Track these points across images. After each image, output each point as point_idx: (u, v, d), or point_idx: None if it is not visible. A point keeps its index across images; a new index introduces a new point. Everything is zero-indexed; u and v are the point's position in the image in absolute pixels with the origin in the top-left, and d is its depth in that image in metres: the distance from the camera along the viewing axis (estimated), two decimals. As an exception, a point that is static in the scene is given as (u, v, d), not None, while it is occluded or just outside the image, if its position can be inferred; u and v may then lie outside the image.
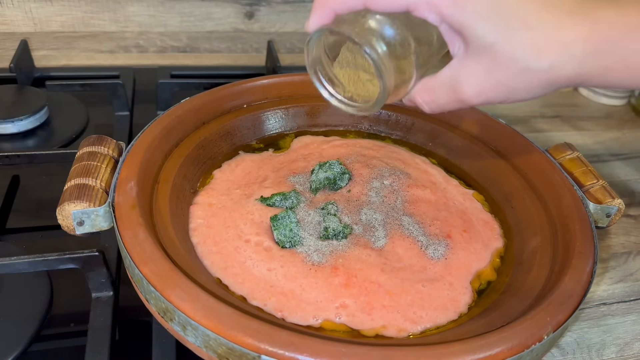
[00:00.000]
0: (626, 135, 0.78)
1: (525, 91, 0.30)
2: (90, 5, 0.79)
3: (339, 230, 0.43)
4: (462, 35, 0.30)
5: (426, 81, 0.33)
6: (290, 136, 0.58)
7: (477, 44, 0.29)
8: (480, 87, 0.31)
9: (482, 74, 0.30)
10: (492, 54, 0.29)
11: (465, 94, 0.31)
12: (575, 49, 0.28)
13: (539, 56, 0.29)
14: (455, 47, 0.31)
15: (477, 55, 0.30)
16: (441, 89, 0.32)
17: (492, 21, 0.28)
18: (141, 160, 0.42)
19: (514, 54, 0.29)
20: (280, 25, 0.88)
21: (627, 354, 0.45)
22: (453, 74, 0.32)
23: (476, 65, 0.30)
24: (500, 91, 0.31)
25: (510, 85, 0.30)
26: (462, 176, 0.55)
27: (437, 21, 0.30)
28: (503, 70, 0.29)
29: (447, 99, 0.32)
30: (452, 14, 0.29)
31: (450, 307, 0.40)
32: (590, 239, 0.41)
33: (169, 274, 0.33)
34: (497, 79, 0.30)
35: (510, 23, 0.28)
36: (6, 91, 0.66)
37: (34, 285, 0.44)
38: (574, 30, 0.28)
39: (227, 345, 0.30)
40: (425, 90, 0.33)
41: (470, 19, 0.29)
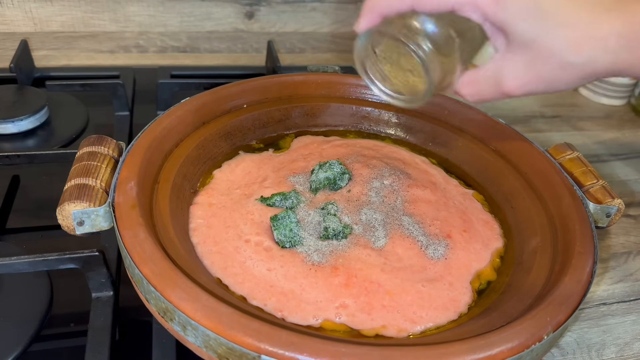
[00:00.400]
0: (626, 135, 0.78)
1: (565, 82, 0.33)
2: (90, 5, 0.79)
3: (339, 230, 0.43)
4: (504, 32, 0.32)
5: (470, 74, 0.35)
6: (290, 136, 0.58)
7: (518, 40, 0.32)
8: (522, 80, 0.33)
9: (524, 67, 0.32)
10: (532, 49, 0.31)
11: (508, 87, 0.34)
12: (610, 43, 0.30)
13: (576, 51, 0.31)
14: (497, 42, 0.34)
15: (518, 50, 0.32)
16: (485, 82, 0.35)
17: (532, 19, 0.31)
18: (141, 160, 0.42)
19: (553, 49, 0.31)
20: (280, 25, 0.88)
21: (627, 354, 0.45)
22: (496, 68, 0.34)
23: (518, 59, 0.33)
24: (541, 83, 0.33)
25: (550, 78, 0.32)
26: (462, 176, 0.55)
27: (481, 19, 0.33)
28: (543, 64, 0.32)
29: (490, 91, 0.35)
30: (495, 13, 0.31)
31: (450, 307, 0.40)
32: (590, 239, 0.41)
33: (169, 274, 0.33)
34: (538, 72, 0.32)
35: (549, 20, 0.30)
36: (6, 91, 0.66)
37: (34, 285, 0.44)
38: (610, 25, 0.30)
39: (227, 345, 0.30)
40: (469, 84, 0.35)
41: (511, 17, 0.31)
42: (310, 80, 0.59)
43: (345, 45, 0.91)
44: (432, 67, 0.33)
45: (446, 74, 0.35)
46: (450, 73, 0.35)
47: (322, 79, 0.60)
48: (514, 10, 0.31)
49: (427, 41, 0.33)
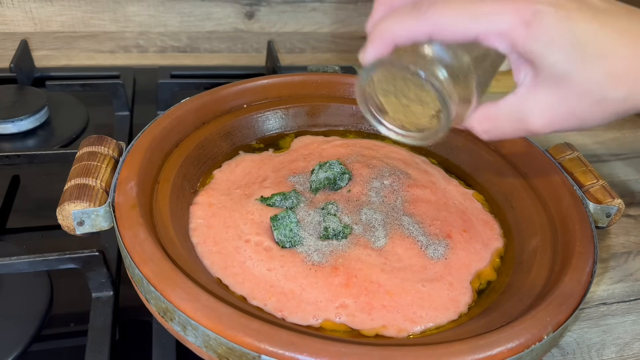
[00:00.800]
0: (626, 135, 0.78)
1: (599, 119, 0.30)
2: (90, 5, 0.79)
3: (339, 230, 0.43)
4: (533, 64, 0.29)
5: (487, 109, 0.32)
6: (290, 136, 0.58)
7: (548, 73, 0.29)
8: (550, 117, 0.30)
9: (553, 103, 0.29)
10: (565, 83, 0.28)
11: (534, 124, 0.30)
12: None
13: (615, 86, 0.28)
14: (521, 75, 0.31)
15: (547, 84, 0.29)
16: (505, 118, 0.31)
17: (567, 50, 0.28)
18: (141, 160, 0.42)
19: (590, 84, 0.28)
20: (280, 25, 0.88)
21: (627, 354, 0.45)
22: (520, 103, 0.31)
23: (546, 94, 0.29)
24: (572, 120, 0.30)
25: (583, 115, 0.29)
26: (462, 176, 0.55)
27: (508, 50, 0.29)
28: (576, 100, 0.29)
29: (511, 127, 0.31)
30: (525, 44, 0.28)
31: (450, 307, 0.40)
32: (590, 239, 0.41)
33: (169, 274, 0.33)
34: (569, 109, 0.29)
35: (585, 53, 0.27)
36: (6, 91, 0.66)
37: (34, 285, 0.44)
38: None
39: (227, 345, 0.30)
40: (486, 119, 0.32)
41: (543, 47, 0.28)
42: (310, 80, 0.59)
43: (345, 45, 0.91)
44: (451, 100, 0.30)
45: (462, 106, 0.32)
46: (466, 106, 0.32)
47: (322, 79, 0.60)
48: (547, 40, 0.27)
49: (445, 72, 0.30)
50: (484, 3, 0.28)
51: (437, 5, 0.28)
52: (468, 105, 0.32)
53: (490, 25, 0.28)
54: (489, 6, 0.28)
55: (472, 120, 0.33)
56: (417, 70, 0.30)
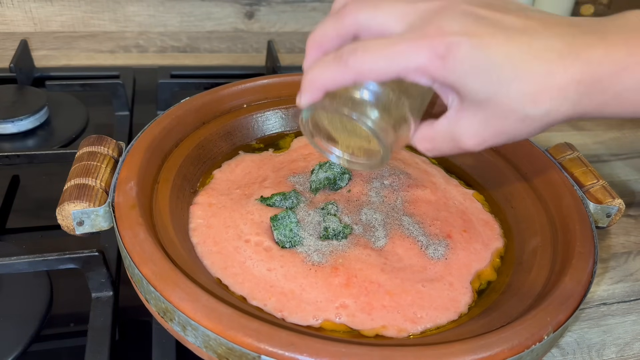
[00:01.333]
0: (626, 135, 0.78)
1: (526, 134, 0.31)
2: (90, 5, 0.79)
3: (339, 230, 0.43)
4: (456, 92, 0.30)
5: (425, 130, 0.34)
6: (290, 136, 0.58)
7: (471, 99, 0.30)
8: (480, 137, 0.31)
9: (480, 124, 0.31)
10: (487, 107, 0.29)
11: (466, 144, 0.32)
12: (569, 92, 0.28)
13: (535, 103, 0.29)
14: (448, 99, 0.32)
15: (473, 108, 0.30)
16: (441, 139, 0.33)
17: (484, 76, 0.28)
18: (141, 160, 0.42)
19: (510, 105, 0.29)
20: (280, 25, 0.88)
21: (627, 354, 0.45)
22: (451, 126, 0.32)
23: (473, 117, 0.31)
24: (500, 137, 0.31)
25: (510, 132, 0.30)
26: (462, 176, 0.55)
27: (429, 83, 0.30)
28: (501, 120, 0.30)
29: (448, 147, 0.33)
30: (443, 77, 0.29)
31: (450, 307, 0.40)
32: (590, 239, 0.41)
33: (169, 274, 0.33)
34: (496, 129, 0.30)
35: (501, 75, 0.28)
36: (6, 91, 0.66)
37: (34, 285, 0.44)
38: (566, 73, 0.28)
39: (227, 345, 0.30)
40: (425, 140, 0.34)
41: (460, 77, 0.29)
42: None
43: (345, 45, 0.91)
44: (384, 134, 0.32)
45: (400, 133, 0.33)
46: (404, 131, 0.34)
47: (322, 79, 0.60)
48: (463, 70, 0.28)
49: (375, 110, 0.32)
50: (400, 43, 0.29)
51: (357, 52, 0.29)
52: (407, 129, 0.34)
53: (408, 63, 0.29)
54: (404, 45, 0.29)
55: (414, 141, 0.34)
56: (349, 114, 0.32)
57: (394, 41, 0.29)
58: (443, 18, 0.29)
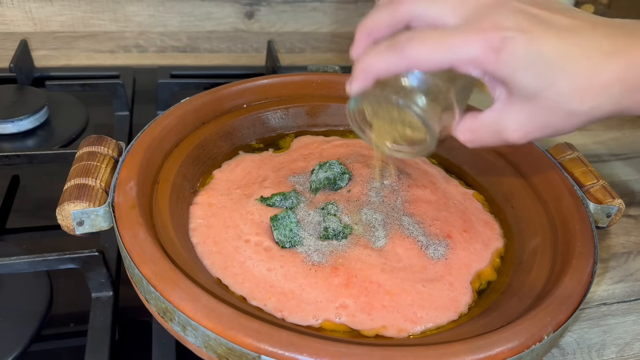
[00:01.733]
0: (626, 135, 0.78)
1: (569, 128, 0.32)
2: (90, 5, 0.79)
3: (339, 230, 0.43)
4: (505, 85, 0.32)
5: (469, 121, 0.35)
6: (290, 136, 0.58)
7: (519, 92, 0.31)
8: (525, 130, 0.32)
9: (526, 118, 0.32)
10: (535, 100, 0.31)
11: (511, 136, 0.33)
12: (613, 90, 0.30)
13: (581, 100, 0.30)
14: (496, 93, 0.33)
15: (520, 101, 0.31)
16: (485, 130, 0.34)
17: (534, 71, 0.30)
18: (141, 160, 0.42)
19: (557, 101, 0.30)
20: (280, 25, 0.88)
21: (627, 354, 0.45)
22: (497, 118, 0.33)
23: (520, 110, 0.32)
24: (544, 132, 0.32)
25: (554, 126, 0.32)
26: (462, 176, 0.55)
27: (481, 74, 0.32)
28: (547, 114, 0.31)
29: (491, 138, 0.34)
30: (495, 70, 0.30)
31: (450, 307, 0.40)
32: (590, 239, 0.41)
33: (169, 274, 0.33)
34: (541, 122, 0.32)
35: (550, 71, 0.30)
36: (6, 91, 0.66)
37: (34, 285, 0.44)
38: (611, 72, 0.30)
39: (227, 345, 0.30)
40: (468, 131, 0.35)
41: (512, 71, 0.30)
42: (310, 80, 0.59)
43: (345, 45, 0.91)
44: (432, 122, 0.33)
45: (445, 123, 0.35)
46: (449, 121, 0.35)
47: (322, 79, 0.60)
48: (515, 64, 0.30)
49: (424, 98, 0.33)
50: (456, 35, 0.30)
51: (414, 41, 0.31)
52: (452, 119, 0.35)
53: (463, 55, 0.30)
54: (460, 37, 0.30)
55: (457, 132, 0.35)
56: (398, 101, 0.33)
57: (451, 33, 0.30)
58: (497, 13, 0.30)
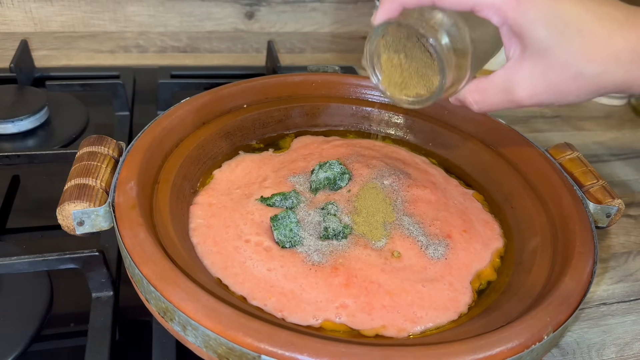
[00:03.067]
0: (626, 135, 0.78)
1: (576, 94, 0.33)
2: (90, 5, 0.79)
3: (339, 230, 0.43)
4: (521, 38, 0.32)
5: (478, 82, 0.35)
6: (290, 136, 0.58)
7: (534, 47, 0.32)
8: (534, 89, 0.33)
9: (537, 76, 0.32)
10: (547, 57, 0.32)
11: (519, 95, 0.33)
12: (623, 57, 0.31)
13: (590, 62, 0.31)
14: (511, 49, 0.33)
15: (533, 58, 0.32)
16: (494, 89, 0.34)
17: (551, 27, 0.31)
18: (141, 160, 0.42)
19: (568, 59, 0.31)
20: (280, 25, 0.88)
21: (627, 354, 0.45)
22: (508, 75, 0.34)
23: (532, 67, 0.32)
24: (552, 93, 0.33)
25: (563, 88, 0.32)
26: (462, 176, 0.55)
27: (500, 22, 0.32)
28: (557, 73, 0.32)
29: (499, 99, 0.34)
30: (515, 17, 0.31)
31: (450, 307, 0.40)
32: (590, 239, 0.41)
33: (169, 274, 0.33)
34: (550, 82, 0.32)
35: (566, 30, 0.31)
36: (6, 91, 0.66)
37: (34, 285, 0.44)
38: (623, 40, 0.31)
39: (227, 345, 0.30)
40: (477, 90, 0.35)
41: (530, 22, 0.31)
42: (310, 80, 0.59)
43: (345, 45, 0.91)
44: (448, 63, 0.33)
45: (456, 76, 0.34)
46: (460, 77, 0.35)
47: (322, 79, 0.60)
48: (535, 16, 0.31)
49: (446, 37, 0.33)
50: None
51: None
52: (463, 77, 0.35)
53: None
54: None
55: (465, 92, 0.36)
56: (422, 32, 0.33)
57: None
58: None
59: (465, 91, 0.36)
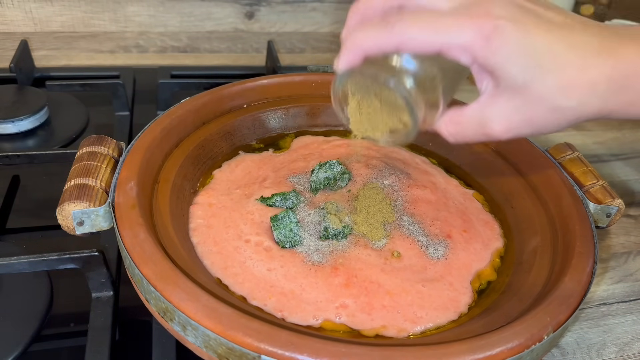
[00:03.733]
0: (626, 135, 0.78)
1: (553, 126, 0.32)
2: (90, 5, 0.79)
3: (339, 230, 0.43)
4: (493, 76, 0.31)
5: (453, 114, 0.34)
6: (290, 136, 0.58)
7: (507, 83, 0.30)
8: (509, 124, 0.32)
9: (512, 111, 0.31)
10: (522, 93, 0.30)
11: (494, 130, 0.32)
12: (599, 88, 0.30)
13: (567, 95, 0.30)
14: (483, 84, 0.32)
15: (506, 93, 0.31)
16: (468, 123, 0.33)
17: (523, 63, 0.29)
18: (141, 160, 0.42)
19: (544, 94, 0.30)
20: (280, 25, 0.88)
21: (627, 354, 0.45)
22: (481, 110, 0.33)
23: (505, 103, 0.31)
24: (528, 127, 0.32)
25: (539, 122, 0.31)
26: (462, 176, 0.55)
27: (469, 62, 0.31)
28: (533, 108, 0.31)
29: (473, 132, 0.33)
30: (485, 57, 0.30)
31: (450, 307, 0.40)
32: (590, 239, 0.41)
33: (169, 274, 0.33)
34: (526, 116, 0.31)
35: (540, 64, 0.29)
36: (6, 91, 0.66)
37: (34, 285, 0.44)
38: (599, 69, 0.30)
39: (227, 345, 0.30)
40: (451, 124, 0.34)
41: (502, 60, 0.30)
42: (310, 80, 0.59)
43: (345, 45, 0.91)
44: (417, 105, 0.32)
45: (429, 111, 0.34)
46: (433, 110, 0.34)
47: (322, 79, 0.60)
48: (506, 54, 0.29)
49: (412, 81, 0.32)
50: (447, 18, 0.30)
51: (405, 20, 0.30)
52: (436, 111, 0.34)
53: (453, 39, 0.30)
54: (451, 21, 0.30)
55: (440, 124, 0.35)
56: (386, 80, 0.32)
57: (443, 16, 0.30)
58: (491, 3, 0.30)
59: (440, 124, 0.35)
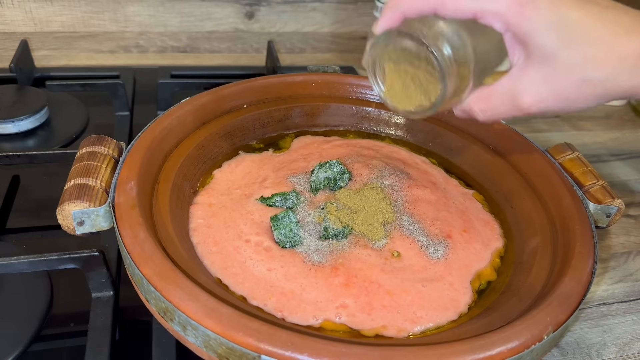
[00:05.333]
0: (626, 135, 0.78)
1: (582, 100, 0.32)
2: (90, 5, 0.79)
3: (339, 230, 0.43)
4: (525, 44, 0.32)
5: (483, 89, 0.35)
6: (290, 136, 0.58)
7: (538, 54, 0.31)
8: (539, 96, 0.32)
9: (542, 82, 0.32)
10: (552, 63, 0.31)
11: (525, 102, 0.33)
12: (629, 63, 0.30)
13: (596, 67, 0.31)
14: (515, 56, 0.33)
15: (537, 64, 0.32)
16: (499, 97, 0.34)
17: (556, 33, 0.30)
18: (141, 160, 0.42)
19: (573, 64, 0.31)
20: (280, 25, 0.88)
21: (627, 354, 0.45)
22: (513, 82, 0.33)
23: (536, 74, 0.32)
24: (559, 100, 0.32)
25: (568, 95, 0.32)
26: (462, 176, 0.55)
27: (503, 29, 0.32)
28: (562, 79, 0.31)
29: (504, 107, 0.34)
30: (519, 23, 0.31)
31: (450, 307, 0.40)
32: (590, 239, 0.41)
33: (169, 274, 0.33)
34: (556, 88, 0.32)
35: (572, 36, 0.30)
36: (6, 91, 0.66)
37: (34, 285, 0.44)
38: (629, 46, 0.30)
39: (227, 345, 0.30)
40: (481, 99, 0.35)
41: (535, 29, 0.30)
42: (310, 80, 0.59)
43: (345, 45, 0.91)
44: (449, 72, 0.32)
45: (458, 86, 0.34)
46: (462, 87, 0.34)
47: (322, 79, 0.60)
48: (539, 21, 0.30)
49: (447, 46, 0.32)
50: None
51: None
52: (465, 87, 0.34)
53: (489, 4, 0.31)
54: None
55: (469, 101, 0.35)
56: (422, 39, 0.32)
57: None
58: None
59: (471, 100, 0.35)
